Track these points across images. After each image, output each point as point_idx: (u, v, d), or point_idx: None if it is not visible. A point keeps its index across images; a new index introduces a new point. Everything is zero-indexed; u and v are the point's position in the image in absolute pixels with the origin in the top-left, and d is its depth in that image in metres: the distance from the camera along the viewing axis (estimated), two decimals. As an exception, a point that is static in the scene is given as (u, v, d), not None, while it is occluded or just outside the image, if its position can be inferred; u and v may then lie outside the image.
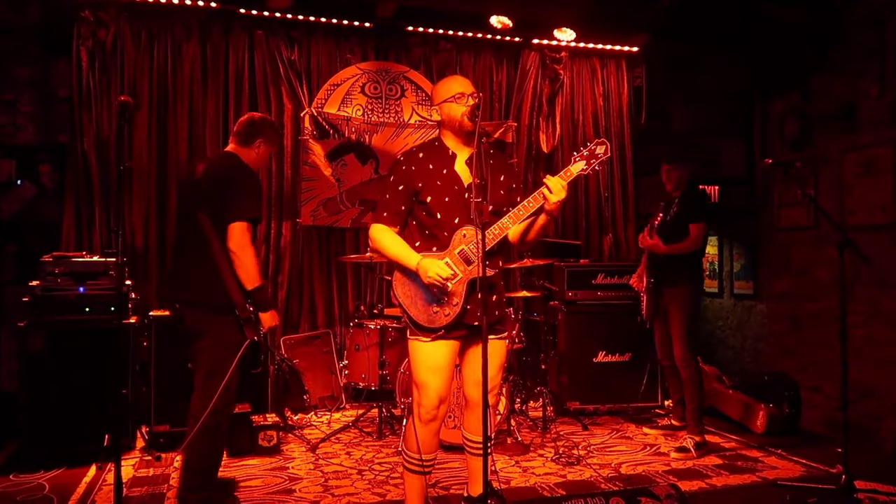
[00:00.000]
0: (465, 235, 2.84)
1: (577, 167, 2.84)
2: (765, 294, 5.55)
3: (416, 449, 2.90)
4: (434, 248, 2.87)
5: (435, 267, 2.75)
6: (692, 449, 4.14)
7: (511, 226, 2.84)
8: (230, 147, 3.45)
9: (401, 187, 2.89)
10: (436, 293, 2.81)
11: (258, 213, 3.28)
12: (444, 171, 2.90)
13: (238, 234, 3.11)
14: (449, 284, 2.77)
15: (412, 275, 2.84)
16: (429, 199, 2.86)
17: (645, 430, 4.61)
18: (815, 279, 5.01)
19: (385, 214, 2.91)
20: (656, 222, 4.47)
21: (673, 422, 4.63)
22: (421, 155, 2.94)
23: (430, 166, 2.90)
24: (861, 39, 4.70)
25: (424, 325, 2.83)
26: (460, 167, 2.93)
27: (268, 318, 3.29)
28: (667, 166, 4.52)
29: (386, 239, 2.89)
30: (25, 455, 3.94)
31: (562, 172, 2.82)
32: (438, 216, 2.86)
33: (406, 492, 2.99)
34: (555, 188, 2.76)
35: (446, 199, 2.86)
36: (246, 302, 3.18)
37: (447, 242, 2.84)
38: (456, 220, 2.86)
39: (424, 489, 2.98)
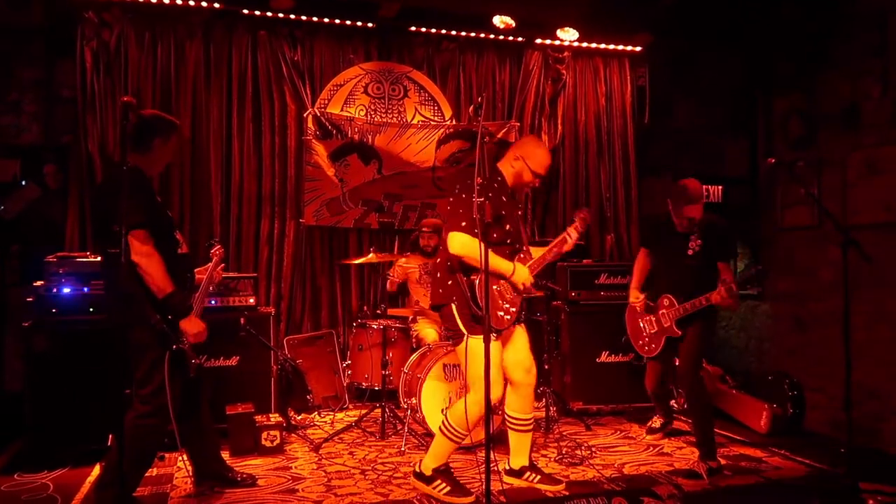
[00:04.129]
0: (521, 257, 3.50)
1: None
2: (768, 294, 5.54)
3: (468, 428, 3.35)
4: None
5: (526, 273, 3.42)
6: (704, 475, 3.72)
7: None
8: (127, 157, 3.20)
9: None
10: (510, 298, 3.41)
11: (144, 219, 3.05)
12: (509, 203, 3.47)
13: (136, 244, 3.00)
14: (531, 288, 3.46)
15: (496, 280, 3.32)
16: (508, 226, 3.41)
17: (646, 437, 4.58)
18: (818, 279, 5.00)
19: (476, 230, 3.15)
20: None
21: (658, 422, 4.58)
22: (495, 185, 3.43)
23: (503, 198, 3.43)
24: (864, 39, 4.69)
25: (492, 326, 3.24)
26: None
27: (187, 326, 3.16)
28: (695, 207, 3.95)
29: (479, 245, 3.06)
30: (30, 454, 3.96)
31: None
32: (508, 240, 3.44)
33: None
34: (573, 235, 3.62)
35: (514, 229, 3.47)
36: (159, 313, 3.10)
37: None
38: (517, 245, 3.48)
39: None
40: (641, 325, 4.31)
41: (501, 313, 3.35)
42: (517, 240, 3.49)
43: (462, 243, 3.26)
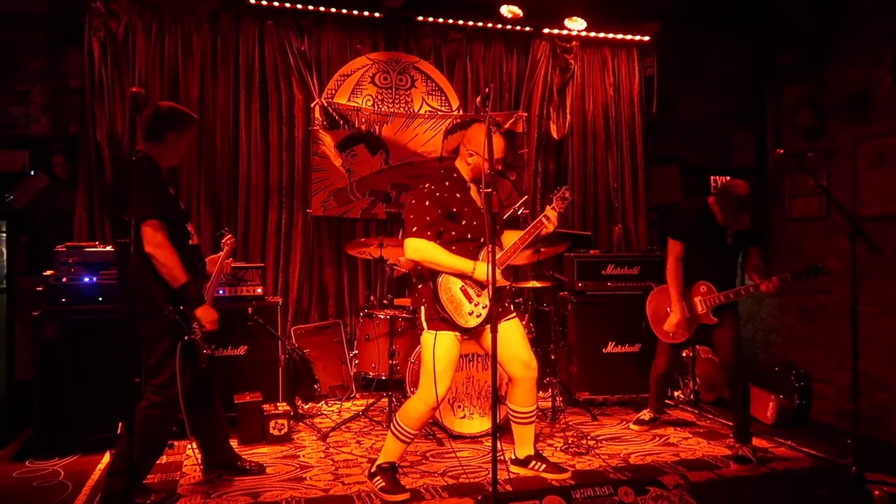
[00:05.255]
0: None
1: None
2: (775, 285, 5.52)
3: (416, 427, 3.38)
4: None
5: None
6: (752, 458, 3.85)
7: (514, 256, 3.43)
8: (139, 146, 3.23)
9: (439, 210, 3.29)
10: (479, 296, 3.31)
11: (159, 211, 3.07)
12: (467, 198, 3.40)
13: (148, 235, 3.01)
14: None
15: (457, 280, 3.30)
16: (463, 221, 3.33)
17: (632, 426, 4.56)
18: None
19: (429, 233, 3.28)
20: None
21: (648, 415, 4.56)
22: (447, 183, 3.37)
23: (458, 195, 3.37)
24: (873, 29, 4.65)
25: (460, 326, 3.29)
26: (474, 194, 3.45)
27: (203, 314, 3.20)
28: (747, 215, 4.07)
29: (436, 250, 3.28)
30: (40, 442, 4.00)
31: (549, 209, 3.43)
32: (469, 235, 3.34)
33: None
34: (552, 217, 3.38)
35: (475, 223, 3.36)
36: (172, 304, 3.10)
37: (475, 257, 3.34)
38: (481, 240, 3.34)
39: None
40: (669, 310, 4.19)
41: (470, 311, 3.29)
42: (481, 233, 3.35)
43: (415, 248, 3.27)
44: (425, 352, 3.34)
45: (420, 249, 3.27)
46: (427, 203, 3.30)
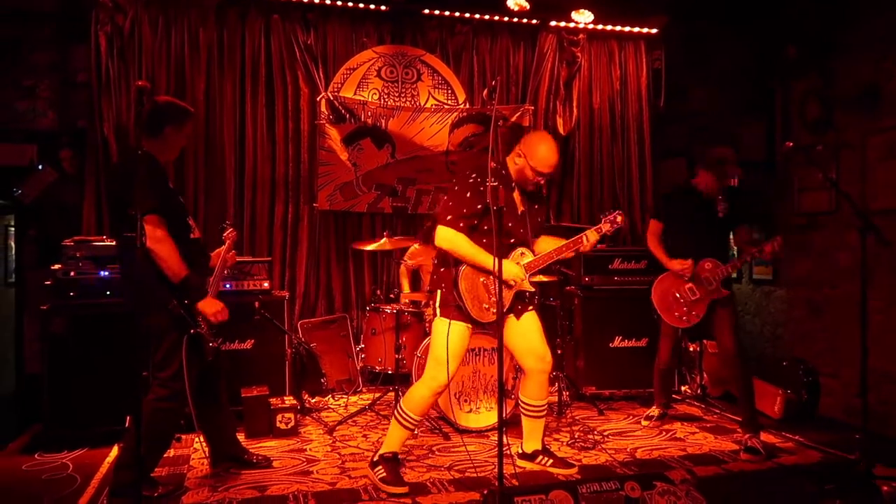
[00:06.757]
0: (522, 253, 3.44)
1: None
2: (784, 279, 5.50)
3: (419, 412, 3.39)
4: None
5: (515, 269, 3.37)
6: (762, 449, 3.84)
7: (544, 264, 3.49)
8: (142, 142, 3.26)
9: (479, 205, 3.27)
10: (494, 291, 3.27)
11: (156, 204, 3.06)
12: (509, 197, 3.40)
13: (148, 230, 3.01)
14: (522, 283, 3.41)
15: (479, 273, 3.32)
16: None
17: (643, 422, 4.56)
18: (835, 264, 4.95)
19: (462, 224, 3.30)
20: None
21: (657, 412, 4.54)
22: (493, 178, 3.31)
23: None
24: (876, 26, 4.61)
25: (475, 318, 3.32)
26: (517, 196, 3.47)
27: (205, 306, 3.21)
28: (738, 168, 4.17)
29: (465, 242, 3.30)
30: (49, 435, 4.03)
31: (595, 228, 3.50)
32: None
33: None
34: (591, 238, 3.45)
35: (510, 224, 3.38)
36: (176, 297, 3.12)
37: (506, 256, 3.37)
38: (512, 240, 3.40)
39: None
40: (678, 294, 4.15)
41: (486, 306, 3.32)
42: (514, 234, 3.41)
43: (444, 237, 3.30)
44: (436, 337, 3.34)
45: (450, 239, 3.29)
46: (468, 194, 3.28)
